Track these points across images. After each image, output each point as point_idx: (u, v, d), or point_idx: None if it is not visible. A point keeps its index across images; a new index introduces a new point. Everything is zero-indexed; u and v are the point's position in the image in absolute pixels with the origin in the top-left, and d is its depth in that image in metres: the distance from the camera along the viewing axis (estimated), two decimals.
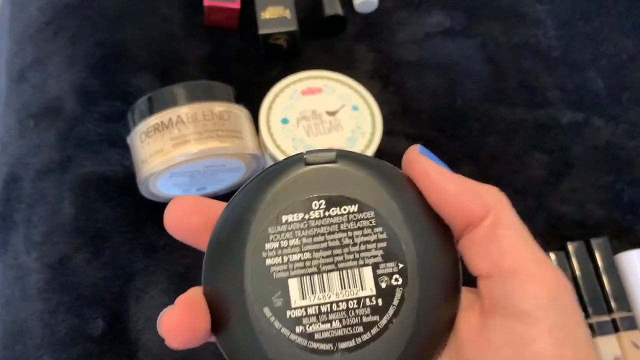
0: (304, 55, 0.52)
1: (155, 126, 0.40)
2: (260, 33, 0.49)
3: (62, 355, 0.40)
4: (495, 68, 0.53)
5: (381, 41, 0.54)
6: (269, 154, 0.44)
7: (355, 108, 0.45)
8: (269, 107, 0.45)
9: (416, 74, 0.52)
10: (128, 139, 0.43)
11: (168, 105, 0.40)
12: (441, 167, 0.20)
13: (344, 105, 0.45)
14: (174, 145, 0.39)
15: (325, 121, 0.44)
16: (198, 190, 0.45)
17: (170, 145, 0.39)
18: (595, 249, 0.44)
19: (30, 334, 0.40)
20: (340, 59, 0.52)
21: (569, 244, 0.44)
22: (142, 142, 0.40)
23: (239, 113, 0.42)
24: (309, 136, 0.44)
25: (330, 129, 0.44)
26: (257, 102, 0.45)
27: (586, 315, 0.42)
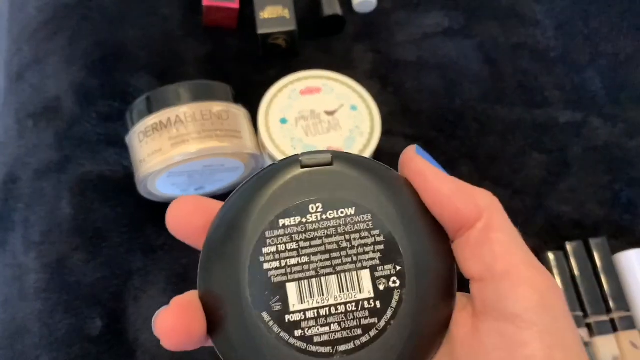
0: (303, 55, 0.52)
1: (154, 126, 0.40)
2: (259, 33, 0.49)
3: (61, 355, 0.40)
4: (494, 68, 0.53)
5: (380, 41, 0.54)
6: (268, 153, 0.44)
7: (353, 108, 0.45)
8: (268, 107, 0.45)
9: (415, 74, 0.52)
10: (126, 139, 0.43)
11: (167, 105, 0.40)
12: (437, 169, 0.21)
13: (342, 105, 0.45)
14: (172, 145, 0.39)
15: (324, 121, 0.44)
16: (196, 189, 0.45)
17: (168, 145, 0.39)
18: (593, 249, 0.44)
19: (29, 334, 0.40)
20: (339, 59, 0.52)
21: (568, 244, 0.44)
22: (141, 142, 0.40)
23: (238, 113, 0.42)
24: (307, 136, 0.44)
25: (329, 129, 0.44)
26: (256, 102, 0.45)
27: (585, 315, 0.42)
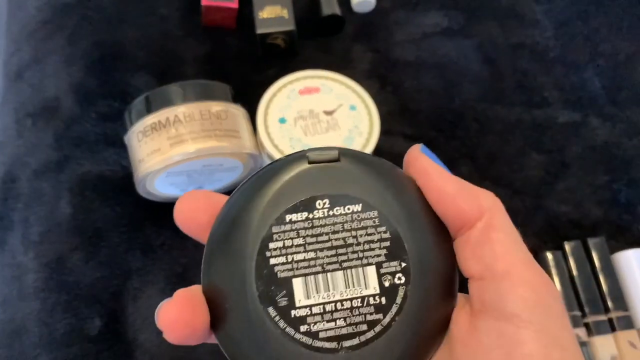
0: (302, 54, 0.52)
1: (153, 125, 0.40)
2: (257, 33, 0.49)
3: (59, 354, 0.40)
4: (493, 68, 0.53)
5: (379, 41, 0.54)
6: (267, 153, 0.44)
7: (352, 108, 0.45)
8: (267, 107, 0.45)
9: (414, 74, 0.52)
10: (125, 138, 0.43)
11: (165, 104, 0.40)
12: (441, 168, 0.21)
13: (341, 104, 0.45)
14: (171, 144, 0.39)
15: (323, 121, 0.44)
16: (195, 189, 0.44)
17: (167, 144, 0.39)
18: (592, 249, 0.44)
19: (28, 333, 0.40)
20: (338, 58, 0.52)
21: (566, 244, 0.44)
22: (140, 142, 0.40)
23: (237, 112, 0.42)
24: (306, 136, 0.44)
25: (328, 129, 0.44)
26: (255, 102, 0.45)
27: (583, 315, 0.42)
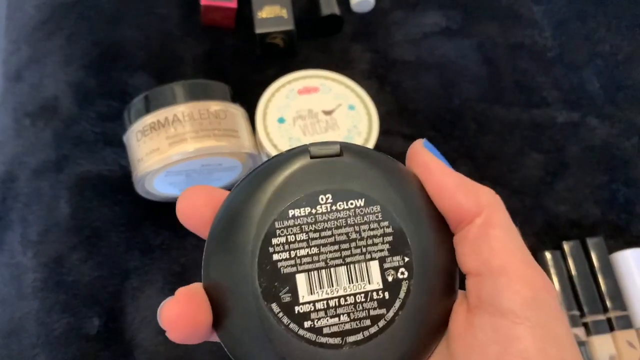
0: (301, 54, 0.52)
1: (152, 125, 0.40)
2: (256, 32, 0.49)
3: (58, 354, 0.40)
4: (492, 68, 0.53)
5: (378, 41, 0.54)
6: (266, 153, 0.44)
7: (351, 107, 0.45)
8: (266, 106, 0.45)
9: (413, 73, 0.52)
10: (124, 138, 0.43)
11: (164, 104, 0.40)
12: (442, 163, 0.21)
13: (340, 104, 0.45)
14: (170, 144, 0.39)
15: (322, 120, 0.44)
16: None
17: (166, 144, 0.39)
18: (590, 249, 0.44)
19: (26, 333, 0.40)
20: (337, 58, 0.52)
21: (565, 244, 0.44)
22: (139, 141, 0.40)
23: (236, 112, 0.42)
24: (305, 135, 0.44)
25: (327, 128, 0.44)
26: (254, 101, 0.45)
27: (582, 315, 0.42)
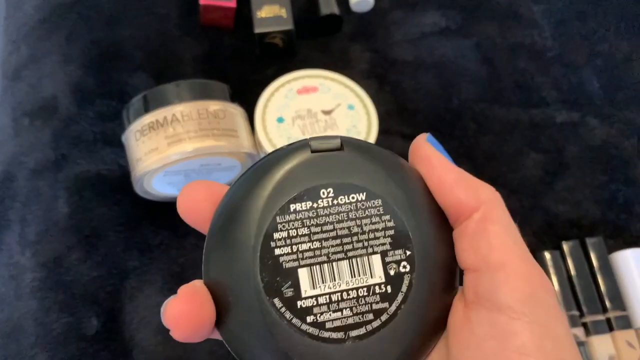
0: (300, 54, 0.52)
1: (151, 124, 0.40)
2: (256, 32, 0.49)
3: (56, 354, 0.40)
4: (491, 68, 0.53)
5: (377, 41, 0.54)
6: (264, 152, 0.44)
7: (350, 107, 0.45)
8: (265, 106, 0.45)
9: (412, 73, 0.52)
10: (123, 138, 0.42)
11: (163, 103, 0.40)
12: (444, 157, 0.21)
13: (339, 104, 0.45)
14: (169, 143, 0.39)
15: (321, 120, 0.44)
16: None
17: (165, 143, 0.39)
18: (590, 249, 0.44)
19: (25, 333, 0.40)
20: (336, 58, 0.52)
21: (564, 244, 0.44)
22: (137, 141, 0.40)
23: (235, 112, 0.42)
24: (304, 135, 0.44)
25: (326, 128, 0.44)
26: (253, 101, 0.45)
27: (581, 315, 0.42)
